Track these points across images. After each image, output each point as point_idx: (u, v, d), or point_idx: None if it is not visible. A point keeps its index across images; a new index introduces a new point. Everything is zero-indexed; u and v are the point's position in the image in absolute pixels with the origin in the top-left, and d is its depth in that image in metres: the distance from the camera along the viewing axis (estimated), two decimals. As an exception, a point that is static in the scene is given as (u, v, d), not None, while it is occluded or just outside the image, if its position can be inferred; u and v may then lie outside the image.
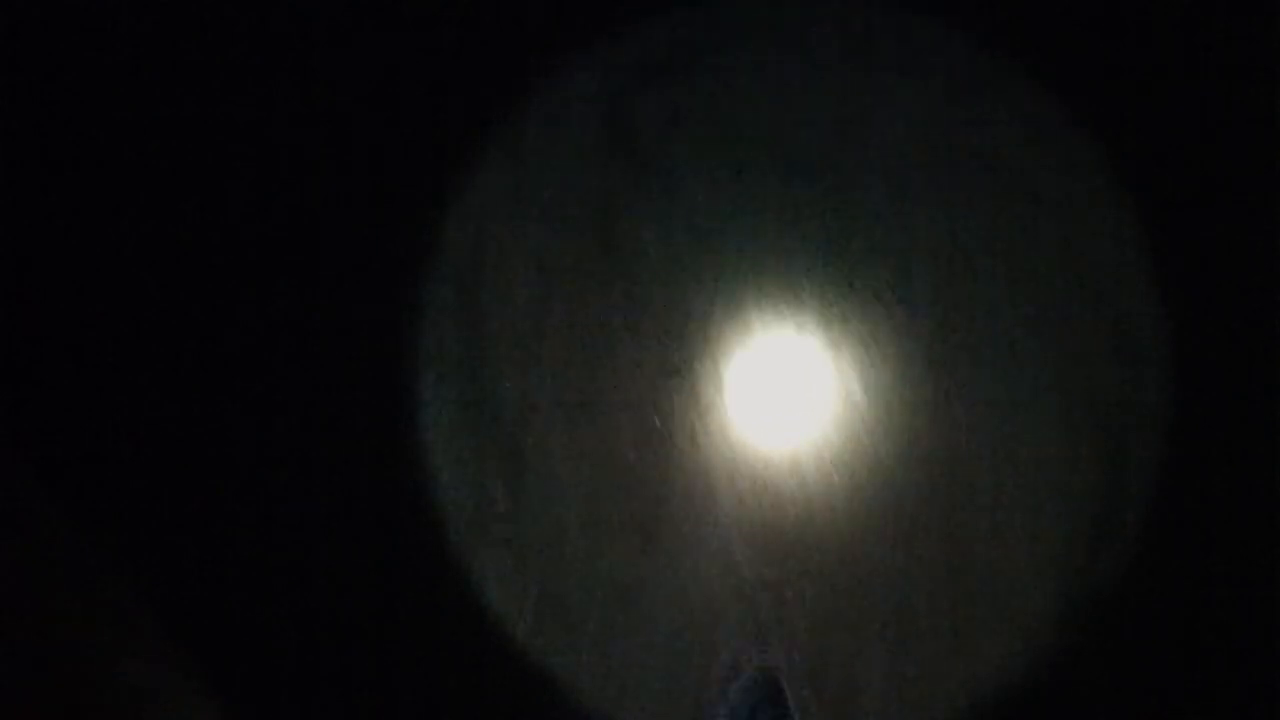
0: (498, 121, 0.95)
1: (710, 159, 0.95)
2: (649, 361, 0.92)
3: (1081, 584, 0.89)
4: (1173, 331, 0.91)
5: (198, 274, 0.92)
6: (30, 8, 0.91)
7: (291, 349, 0.92)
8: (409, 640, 0.90)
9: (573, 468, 0.91)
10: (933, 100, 0.95)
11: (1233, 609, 0.89)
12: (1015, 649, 0.88)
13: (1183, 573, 0.89)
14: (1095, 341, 0.92)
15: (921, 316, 0.92)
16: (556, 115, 0.95)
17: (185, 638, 0.83)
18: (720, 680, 0.88)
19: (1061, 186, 0.94)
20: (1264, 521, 0.88)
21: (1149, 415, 0.91)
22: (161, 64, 0.93)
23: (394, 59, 0.95)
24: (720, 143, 0.95)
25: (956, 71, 0.95)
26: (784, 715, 0.86)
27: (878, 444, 0.91)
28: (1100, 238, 0.93)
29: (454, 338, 0.93)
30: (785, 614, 0.88)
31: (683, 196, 0.94)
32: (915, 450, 0.90)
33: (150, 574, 0.85)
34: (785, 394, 0.93)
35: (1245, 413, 0.90)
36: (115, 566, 0.84)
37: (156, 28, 0.93)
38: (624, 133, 0.95)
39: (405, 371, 0.92)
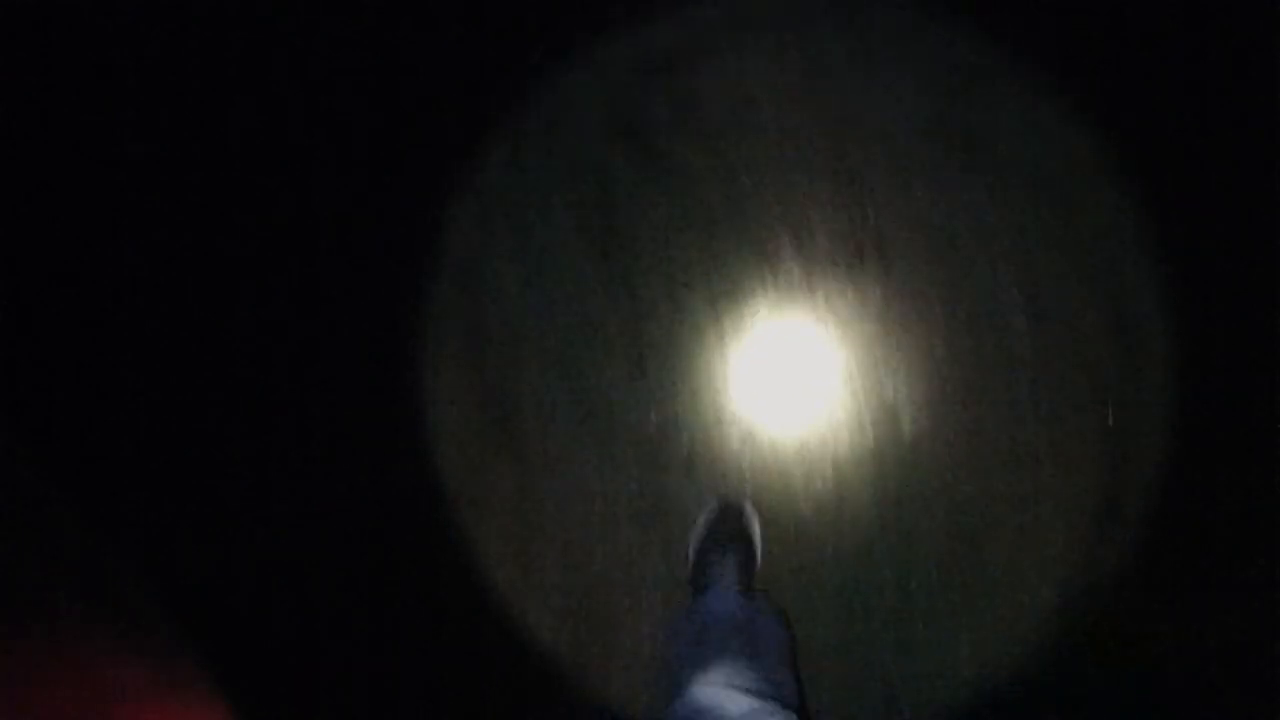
0: (499, 118, 0.95)
1: (713, 153, 0.95)
2: (652, 354, 0.92)
3: (1082, 579, 0.89)
4: (1175, 326, 0.91)
5: (201, 273, 0.92)
6: (30, 8, 0.91)
7: (296, 349, 0.92)
8: (414, 630, 0.90)
9: (576, 460, 0.91)
10: (935, 92, 0.94)
11: (1233, 606, 0.88)
12: (1016, 642, 0.88)
13: (1184, 570, 0.89)
14: (1098, 337, 0.92)
15: (925, 312, 0.92)
16: (559, 112, 0.95)
17: (188, 634, 0.84)
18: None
19: (1063, 178, 0.93)
20: (1265, 519, 0.88)
21: (1151, 412, 0.90)
22: (162, 64, 0.93)
23: (394, 58, 0.95)
24: (724, 137, 0.95)
25: (957, 63, 0.94)
26: (745, 527, 0.87)
27: (881, 439, 0.91)
28: (1103, 230, 0.93)
29: (458, 335, 0.93)
30: (789, 604, 0.88)
31: (685, 191, 0.94)
32: (918, 444, 0.90)
33: (154, 569, 0.86)
34: (789, 388, 0.93)
35: (1247, 409, 0.90)
36: (118, 564, 0.84)
37: (157, 28, 0.93)
38: (626, 128, 0.95)
39: (410, 368, 0.92)
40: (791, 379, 0.93)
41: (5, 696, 0.65)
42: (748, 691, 0.62)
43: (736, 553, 0.84)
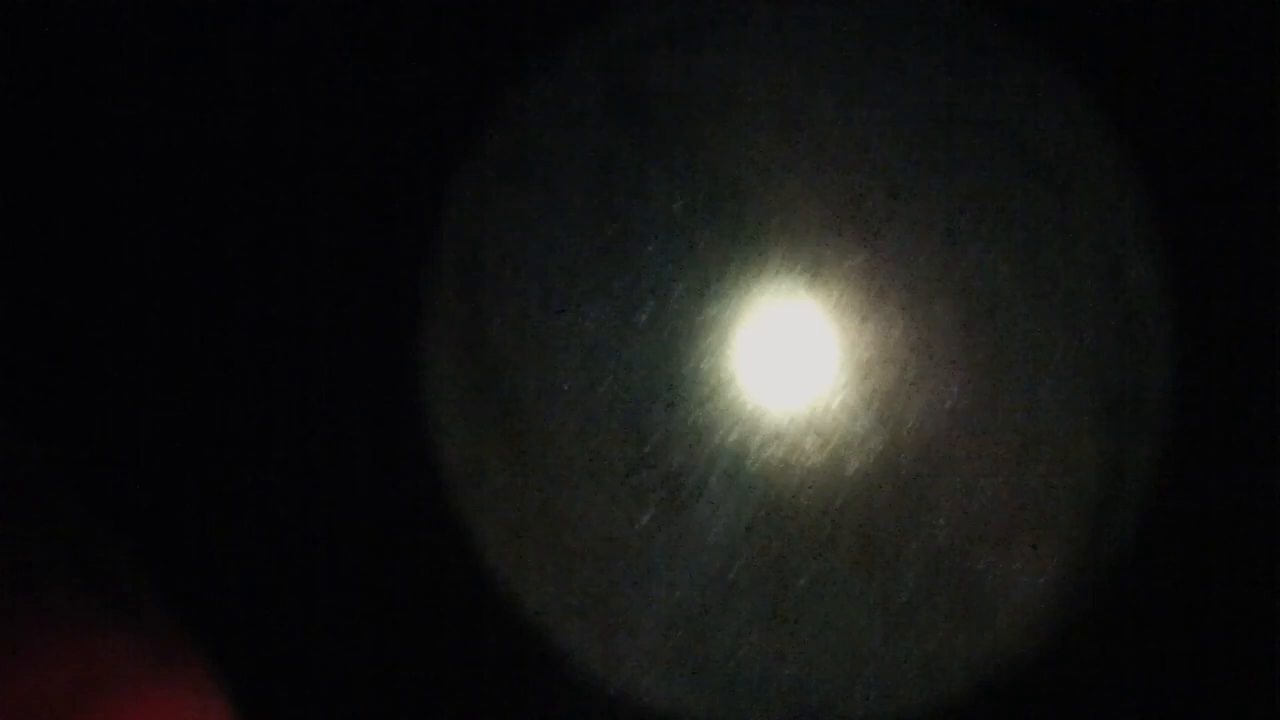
0: (498, 100, 0.94)
1: (718, 133, 0.94)
2: (653, 350, 0.92)
3: (1082, 579, 0.89)
4: (1179, 319, 0.91)
5: (201, 271, 0.92)
6: (30, 8, 0.91)
7: (296, 348, 0.92)
8: (414, 630, 0.91)
9: (578, 458, 0.91)
10: (945, 76, 0.94)
11: (1233, 606, 0.89)
12: (1015, 640, 0.89)
13: (1183, 568, 0.89)
14: (1101, 328, 0.92)
15: (928, 300, 0.92)
16: (559, 100, 0.94)
17: (187, 630, 0.84)
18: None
19: (1067, 163, 0.93)
20: (1265, 519, 0.88)
21: (1154, 405, 0.90)
22: (161, 62, 0.93)
23: (394, 55, 0.94)
24: (728, 116, 0.94)
25: (967, 46, 0.94)
26: None
27: (882, 434, 0.91)
28: (1109, 226, 0.93)
29: (458, 334, 0.93)
30: (786, 586, 0.89)
31: (690, 173, 0.94)
32: (917, 440, 0.90)
33: (153, 564, 0.86)
34: (791, 380, 0.93)
35: (1251, 405, 0.90)
36: (119, 559, 0.85)
37: (156, 26, 0.93)
38: (629, 107, 0.94)
39: (410, 367, 0.92)
40: (795, 371, 0.93)
41: (5, 693, 0.65)
42: None
43: None
